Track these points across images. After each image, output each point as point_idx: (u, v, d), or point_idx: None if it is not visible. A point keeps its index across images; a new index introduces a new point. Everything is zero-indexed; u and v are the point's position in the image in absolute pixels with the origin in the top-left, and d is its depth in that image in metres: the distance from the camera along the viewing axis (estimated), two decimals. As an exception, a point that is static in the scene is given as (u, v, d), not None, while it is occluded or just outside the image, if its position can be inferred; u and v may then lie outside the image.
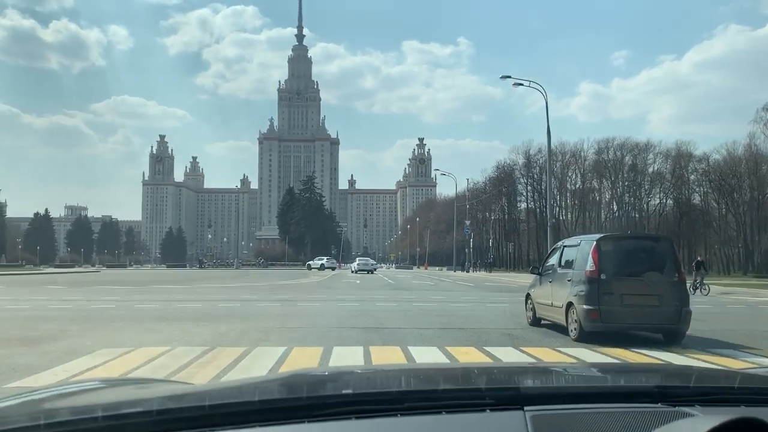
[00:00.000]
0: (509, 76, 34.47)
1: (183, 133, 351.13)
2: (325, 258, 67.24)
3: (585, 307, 9.01)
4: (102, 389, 1.59)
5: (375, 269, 55.30)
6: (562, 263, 10.36)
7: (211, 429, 1.05)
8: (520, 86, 34.41)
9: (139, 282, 30.69)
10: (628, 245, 10.03)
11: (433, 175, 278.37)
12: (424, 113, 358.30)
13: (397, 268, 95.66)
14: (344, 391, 1.32)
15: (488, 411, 1.15)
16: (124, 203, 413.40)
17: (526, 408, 1.14)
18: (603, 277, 9.04)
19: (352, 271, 52.63)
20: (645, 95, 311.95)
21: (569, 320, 9.49)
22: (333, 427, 1.12)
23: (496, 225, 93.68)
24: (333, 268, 61.63)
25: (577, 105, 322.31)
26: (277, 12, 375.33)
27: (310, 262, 66.84)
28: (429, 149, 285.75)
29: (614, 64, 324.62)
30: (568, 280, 9.67)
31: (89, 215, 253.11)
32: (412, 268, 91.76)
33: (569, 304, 9.46)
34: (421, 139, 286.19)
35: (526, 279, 21.20)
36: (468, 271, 61.78)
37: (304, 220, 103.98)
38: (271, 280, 33.32)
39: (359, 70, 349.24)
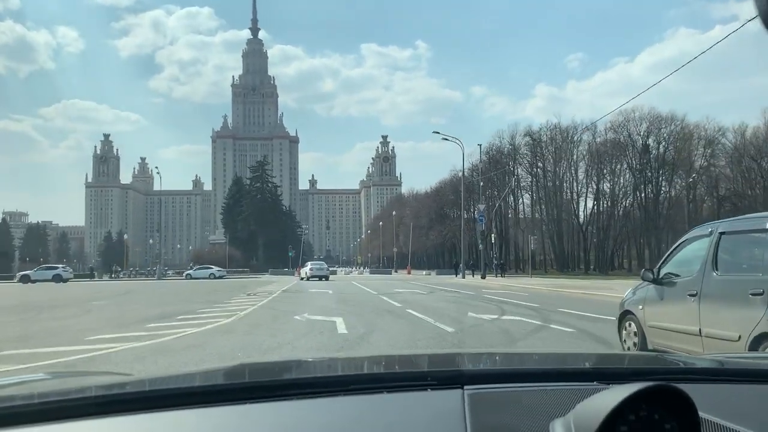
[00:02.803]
0: None
1: (136, 138, 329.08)
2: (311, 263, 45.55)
3: None
4: (45, 380, 1.57)
5: (329, 275, 43.54)
6: (721, 264, 5.73)
7: (156, 411, 1.03)
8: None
9: None
10: None
11: (398, 174, 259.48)
12: (384, 116, 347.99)
13: (372, 272, 74.40)
14: (286, 376, 1.35)
15: (429, 390, 1.16)
16: (72, 209, 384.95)
17: (465, 387, 1.14)
18: None
19: (304, 278, 40.66)
20: (599, 97, 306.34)
21: None
22: (273, 407, 1.09)
23: (495, 218, 73.78)
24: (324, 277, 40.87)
25: (533, 107, 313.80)
26: (233, 14, 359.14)
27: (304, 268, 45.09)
28: (393, 147, 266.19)
29: (569, 66, 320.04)
30: (754, 294, 5.10)
31: (30, 221, 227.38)
32: (391, 273, 70.80)
33: (761, 338, 4.94)
34: (384, 137, 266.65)
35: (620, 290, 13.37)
36: (483, 277, 41.34)
37: (254, 216, 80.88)
38: (145, 313, 12.24)
39: (318, 73, 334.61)
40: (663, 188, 72.40)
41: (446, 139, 42.62)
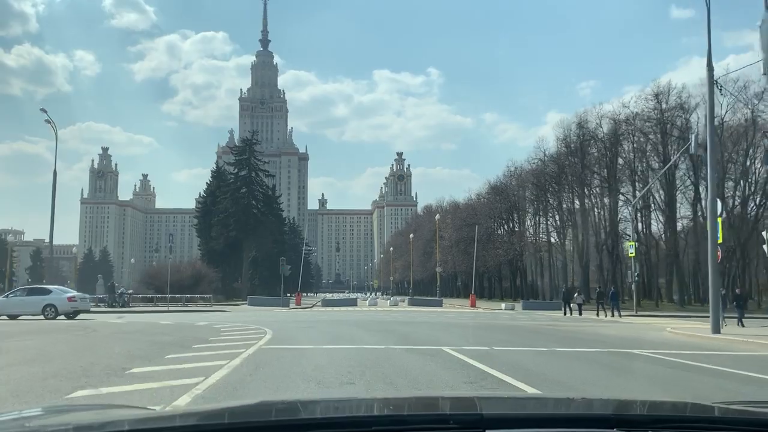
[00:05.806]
0: None
1: (149, 160, 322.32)
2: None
3: None
4: (45, 415, 1.50)
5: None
6: None
7: None
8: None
9: None
10: None
11: (413, 194, 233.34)
12: (396, 141, 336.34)
13: (411, 303, 47.04)
14: (310, 415, 1.35)
15: None
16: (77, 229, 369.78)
17: (487, 431, 1.12)
18: None
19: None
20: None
21: None
22: None
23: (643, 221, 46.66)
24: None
25: (544, 134, 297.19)
26: (247, 38, 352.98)
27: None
28: (408, 165, 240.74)
29: (581, 93, 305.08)
30: None
31: (24, 239, 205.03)
32: (441, 304, 43.61)
33: None
34: (399, 154, 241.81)
35: None
36: (741, 322, 14.40)
37: (236, 218, 53.66)
38: None
39: (330, 98, 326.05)
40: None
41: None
